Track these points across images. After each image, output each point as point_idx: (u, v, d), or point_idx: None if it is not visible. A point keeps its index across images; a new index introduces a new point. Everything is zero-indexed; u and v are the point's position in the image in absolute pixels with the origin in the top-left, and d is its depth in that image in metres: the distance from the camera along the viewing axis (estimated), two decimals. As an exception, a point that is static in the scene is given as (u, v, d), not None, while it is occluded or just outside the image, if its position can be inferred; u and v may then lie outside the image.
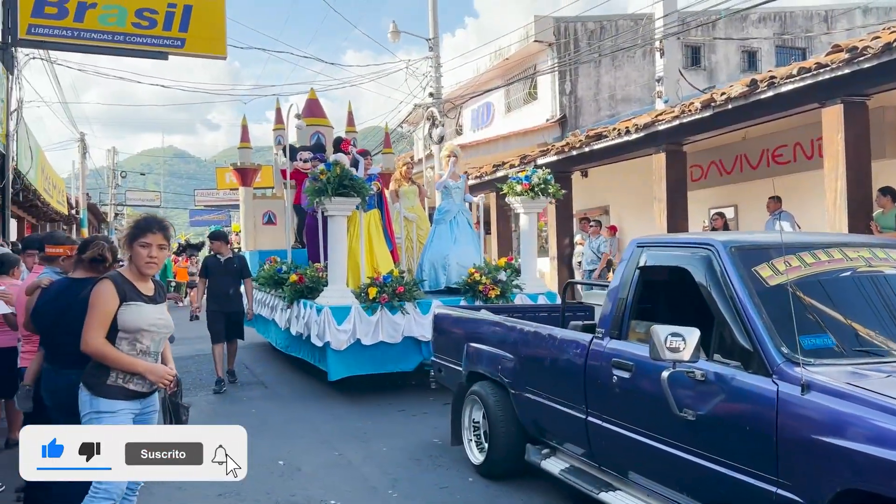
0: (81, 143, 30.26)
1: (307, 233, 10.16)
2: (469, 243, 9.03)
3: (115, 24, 11.29)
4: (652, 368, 3.25)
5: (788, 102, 8.62)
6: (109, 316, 3.14)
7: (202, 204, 47.73)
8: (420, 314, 7.62)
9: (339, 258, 7.82)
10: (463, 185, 9.35)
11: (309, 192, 7.73)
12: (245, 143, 12.32)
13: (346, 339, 7.29)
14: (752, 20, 19.04)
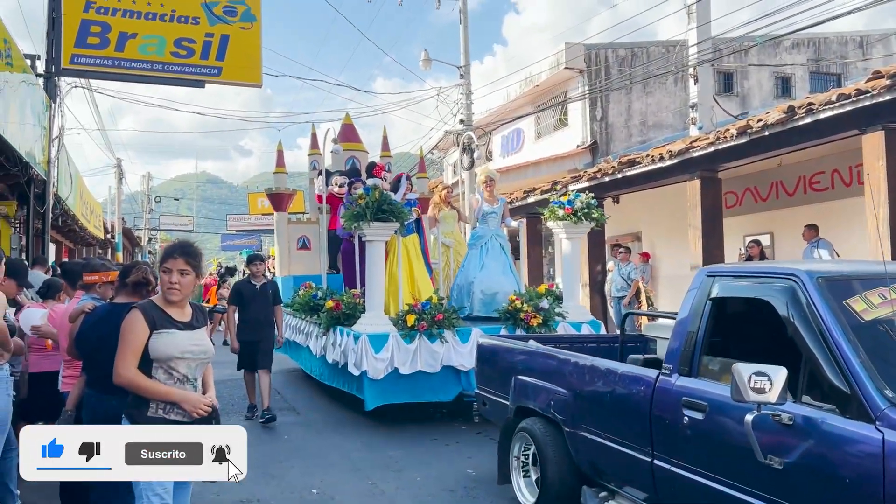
0: (118, 168, 30.91)
1: (343, 258, 10.06)
2: (498, 270, 8.71)
3: (154, 53, 11.54)
4: (731, 410, 3.00)
5: (827, 129, 8.50)
6: (140, 345, 3.08)
7: (234, 229, 48.32)
8: (459, 342, 7.44)
9: (377, 284, 7.68)
10: (500, 209, 9.05)
11: (347, 217, 7.62)
12: (280, 168, 12.34)
13: (384, 368, 7.12)
14: (786, 46, 18.89)
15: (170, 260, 3.22)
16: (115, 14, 11.25)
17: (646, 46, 19.12)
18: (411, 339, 7.28)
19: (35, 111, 9.60)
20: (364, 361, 7.09)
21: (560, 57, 18.31)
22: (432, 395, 7.45)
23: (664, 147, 11.47)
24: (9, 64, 7.81)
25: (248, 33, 12.18)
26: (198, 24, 11.79)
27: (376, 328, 7.34)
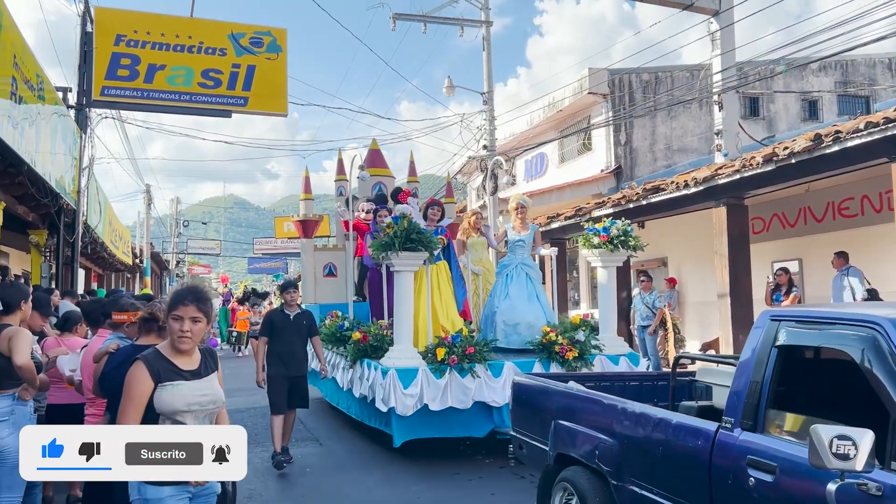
0: (147, 194, 31.40)
1: (370, 287, 9.79)
2: (522, 299, 8.38)
3: (182, 84, 11.78)
4: (806, 474, 2.73)
5: (855, 157, 8.38)
6: (143, 399, 2.88)
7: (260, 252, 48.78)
8: (491, 377, 7.10)
9: (406, 316, 7.39)
10: (530, 238, 8.71)
11: (375, 247, 7.40)
12: (307, 194, 12.08)
13: (413, 405, 6.83)
14: (813, 69, 18.73)
15: (181, 307, 3.02)
16: (144, 47, 11.52)
17: (670, 71, 19.08)
18: (441, 374, 6.98)
19: (66, 142, 9.81)
20: (392, 397, 6.81)
21: (584, 82, 18.33)
22: (463, 431, 7.18)
23: (689, 174, 11.39)
24: (41, 97, 8.00)
25: (273, 63, 12.38)
26: (225, 56, 12.02)
27: (405, 362, 7.06)
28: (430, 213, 8.64)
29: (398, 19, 17.13)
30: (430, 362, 7.07)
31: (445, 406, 6.94)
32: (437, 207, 8.79)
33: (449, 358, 7.00)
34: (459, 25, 17.62)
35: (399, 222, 7.16)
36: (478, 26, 17.72)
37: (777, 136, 16.45)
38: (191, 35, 11.88)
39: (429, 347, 7.27)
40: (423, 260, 7.40)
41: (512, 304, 8.32)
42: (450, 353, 7.02)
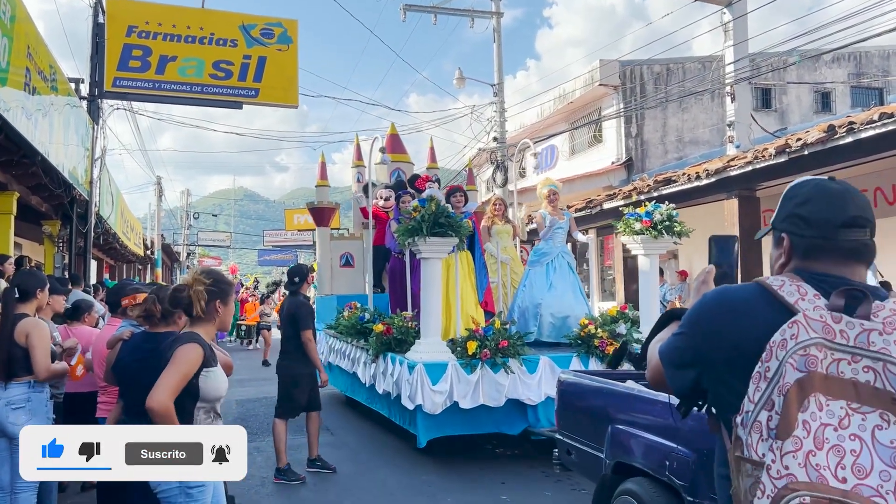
0: (158, 186, 31.55)
1: (391, 277, 9.20)
2: (568, 290, 7.96)
3: (193, 75, 11.82)
4: None
5: (869, 148, 8.31)
6: (189, 377, 2.92)
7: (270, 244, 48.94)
8: (526, 373, 6.63)
9: (434, 307, 6.89)
10: (567, 223, 8.27)
11: (401, 232, 6.90)
12: (323, 181, 11.70)
13: (443, 402, 6.37)
14: (826, 60, 18.59)
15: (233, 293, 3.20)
16: (155, 38, 11.56)
17: (682, 62, 18.97)
18: (472, 370, 6.48)
19: (78, 133, 9.87)
20: (420, 394, 6.34)
21: (594, 74, 18.25)
22: (494, 427, 6.72)
23: (701, 165, 11.33)
24: (54, 88, 8.04)
25: (284, 55, 12.40)
26: (236, 47, 12.05)
27: (433, 356, 6.58)
28: (454, 200, 8.15)
29: (409, 10, 17.10)
30: (460, 356, 6.60)
31: (477, 404, 6.48)
32: (460, 194, 8.34)
33: (481, 352, 6.51)
34: (470, 17, 17.59)
35: (427, 205, 6.68)
36: (488, 17, 17.67)
37: (790, 128, 16.35)
38: (202, 26, 11.91)
39: (458, 341, 6.82)
40: (452, 246, 6.97)
41: (558, 295, 7.88)
42: (482, 347, 6.54)
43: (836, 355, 1.34)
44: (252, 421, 9.18)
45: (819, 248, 1.55)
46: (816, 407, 1.31)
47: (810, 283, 1.50)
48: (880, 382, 1.31)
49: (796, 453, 1.29)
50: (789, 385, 1.33)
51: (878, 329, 1.34)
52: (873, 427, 1.29)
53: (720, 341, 1.53)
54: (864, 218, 1.55)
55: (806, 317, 1.39)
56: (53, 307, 4.70)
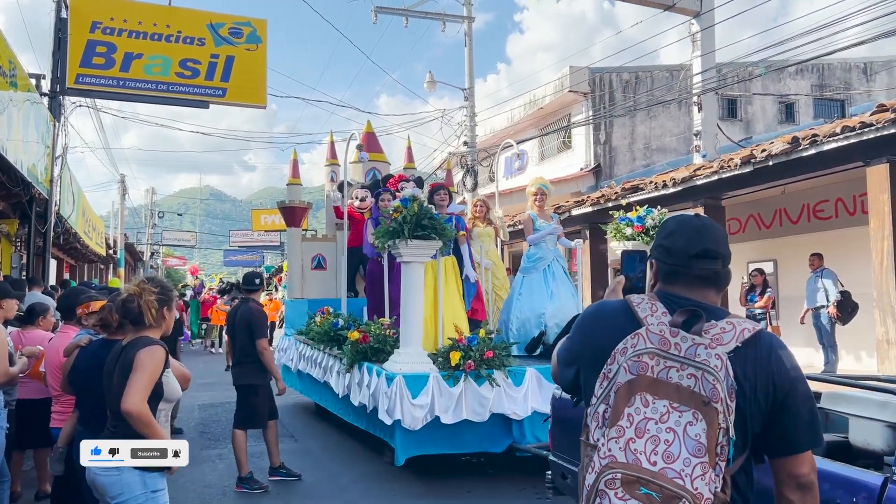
0: (121, 184, 30.97)
1: (369, 281, 8.75)
2: (569, 298, 7.59)
3: (159, 73, 11.58)
4: None
5: (831, 160, 8.48)
6: (154, 382, 3.02)
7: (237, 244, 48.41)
8: (512, 385, 6.23)
9: (415, 314, 6.49)
10: (557, 228, 7.96)
11: (381, 234, 6.50)
12: (295, 179, 11.22)
13: (423, 417, 5.94)
14: (790, 72, 18.95)
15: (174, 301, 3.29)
16: (121, 35, 11.31)
17: (650, 71, 19.18)
18: (455, 382, 6.06)
19: (38, 130, 9.61)
20: (398, 408, 5.92)
21: (564, 80, 18.38)
22: (477, 445, 6.31)
23: (668, 174, 11.46)
24: (13, 84, 7.82)
25: (253, 55, 12.22)
26: (203, 46, 11.84)
27: (413, 367, 6.18)
28: (437, 198, 7.64)
29: (380, 13, 17.02)
30: (443, 368, 6.20)
31: (459, 419, 6.07)
32: (444, 191, 7.82)
33: (464, 363, 6.10)
34: (441, 20, 17.57)
35: (409, 206, 6.29)
36: (459, 21, 17.68)
37: (754, 137, 16.63)
38: (169, 24, 11.67)
39: (440, 351, 6.43)
40: (435, 250, 6.56)
41: (561, 304, 7.47)
42: (465, 358, 6.12)
43: (668, 363, 1.57)
44: (214, 427, 9.02)
45: (675, 273, 1.77)
46: (642, 403, 1.55)
47: (664, 302, 1.73)
48: (698, 387, 1.53)
49: (619, 439, 1.54)
50: (621, 384, 1.59)
51: (705, 344, 1.57)
52: (686, 423, 1.51)
53: (590, 345, 1.79)
54: (716, 251, 1.75)
55: (648, 330, 1.63)
56: (5, 313, 4.54)
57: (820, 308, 10.00)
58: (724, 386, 1.51)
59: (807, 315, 10.33)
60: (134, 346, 3.07)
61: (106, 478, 3.01)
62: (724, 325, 1.64)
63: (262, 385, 6.21)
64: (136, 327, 3.16)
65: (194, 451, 7.51)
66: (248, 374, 6.19)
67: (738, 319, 1.67)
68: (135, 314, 3.13)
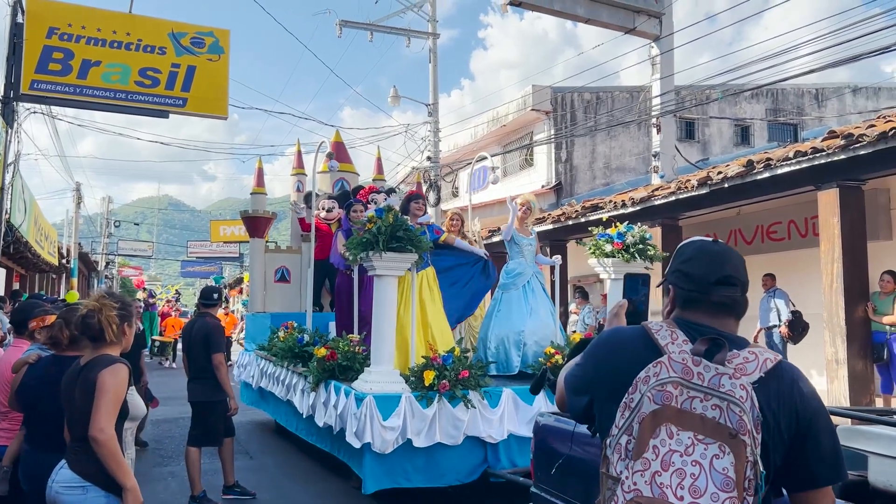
0: (76, 192, 30.28)
1: (337, 295, 8.36)
2: (549, 315, 7.37)
3: (117, 81, 11.41)
4: None
5: (784, 184, 8.70)
6: (121, 403, 2.93)
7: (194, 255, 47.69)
8: (488, 407, 5.96)
9: (387, 330, 6.14)
10: (535, 242, 7.72)
11: (353, 245, 6.20)
12: (259, 188, 10.87)
13: (394, 440, 5.62)
14: (746, 96, 19.47)
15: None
16: (79, 41, 11.13)
17: (611, 91, 19.51)
18: (428, 403, 5.76)
19: (-10, 137, 9.38)
20: (368, 430, 5.58)
21: (527, 99, 18.59)
22: (452, 477, 5.96)
23: (626, 193, 11.63)
24: (-36, 90, 7.63)
25: (215, 65, 12.13)
26: (164, 55, 11.72)
27: (385, 387, 5.86)
28: (414, 207, 7.33)
29: (344, 26, 17.02)
30: (416, 388, 5.92)
31: (432, 442, 5.77)
32: (421, 201, 7.53)
33: (439, 383, 5.83)
34: (406, 36, 17.63)
35: (384, 216, 6.01)
36: (424, 38, 17.76)
37: (711, 158, 17.01)
38: (129, 32, 11.54)
39: (413, 370, 6.15)
40: (410, 263, 6.25)
41: (541, 321, 7.26)
42: (440, 378, 5.84)
43: (692, 393, 1.53)
44: (167, 443, 8.83)
45: (695, 300, 1.72)
46: (667, 435, 1.51)
47: (683, 329, 1.68)
48: (723, 419, 1.49)
49: (644, 472, 1.49)
50: (645, 415, 1.54)
51: (729, 374, 1.53)
52: (712, 456, 1.47)
53: (606, 373, 1.73)
54: (736, 278, 1.73)
55: (670, 358, 1.58)
56: None
57: (772, 327, 10.21)
58: (750, 417, 1.49)
59: (760, 334, 10.55)
60: (95, 366, 2.97)
61: (69, 496, 2.90)
62: (746, 354, 1.60)
63: (219, 402, 6.05)
64: (94, 344, 3.06)
65: (146, 469, 7.38)
66: (203, 390, 6.03)
67: (759, 349, 1.64)
68: (95, 330, 3.02)
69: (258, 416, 10.24)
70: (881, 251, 9.23)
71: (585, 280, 15.53)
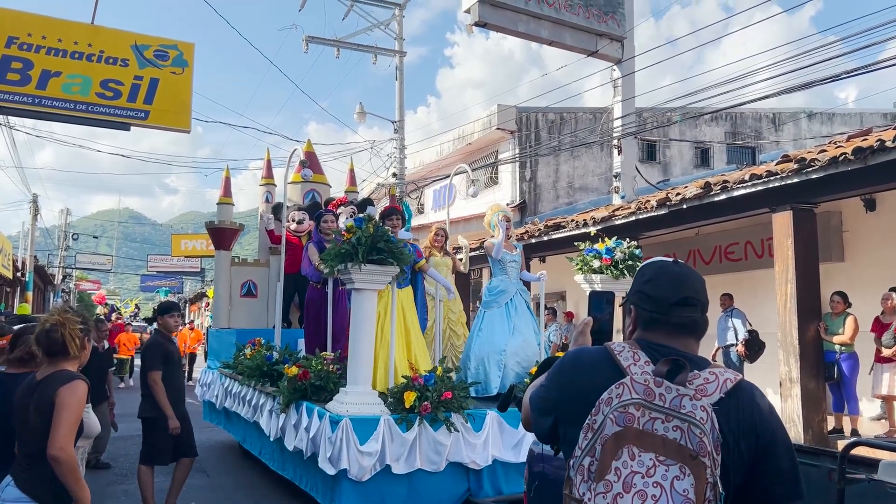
0: (34, 204, 29.64)
1: (308, 310, 7.95)
2: (532, 334, 7.09)
3: (78, 93, 11.23)
4: None
5: (740, 206, 8.91)
6: (79, 421, 2.91)
7: (155, 269, 46.96)
8: (471, 431, 5.68)
9: (365, 348, 5.77)
10: (520, 258, 7.36)
11: (329, 257, 5.81)
12: (226, 197, 10.51)
13: (371, 466, 5.26)
14: (705, 118, 19.92)
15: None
16: (38, 51, 10.95)
17: (574, 112, 19.81)
18: (409, 426, 5.44)
19: (-57, 147, 9.17)
20: (344, 456, 5.20)
21: (493, 118, 18.77)
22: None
23: (588, 213, 11.80)
24: (-83, 98, 7.45)
25: (178, 78, 12.00)
26: (127, 67, 11.57)
27: (362, 409, 5.50)
28: (390, 223, 6.72)
29: (311, 42, 17.04)
30: (395, 410, 5.61)
31: (413, 468, 5.44)
32: (396, 217, 7.01)
33: (420, 405, 5.49)
34: (373, 53, 17.71)
35: (363, 226, 5.63)
36: (391, 56, 17.86)
37: (671, 179, 17.35)
38: (91, 43, 11.36)
39: (392, 390, 5.84)
40: (391, 277, 5.87)
41: (524, 340, 6.96)
42: (421, 399, 5.51)
43: (653, 414, 1.53)
44: (122, 461, 8.66)
45: (656, 321, 1.73)
46: (629, 457, 1.51)
47: (645, 350, 1.68)
48: (684, 440, 1.49)
49: (606, 494, 1.50)
50: (607, 437, 1.54)
51: (690, 395, 1.54)
52: (673, 478, 1.47)
53: (570, 394, 1.72)
54: (696, 298, 1.74)
55: (632, 380, 1.58)
56: None
57: (729, 346, 10.41)
58: (710, 439, 1.49)
59: (717, 353, 10.74)
60: (53, 382, 2.91)
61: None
62: (707, 375, 1.61)
63: (163, 418, 5.72)
64: (53, 359, 3.01)
65: (100, 487, 7.22)
66: (147, 406, 5.81)
67: (719, 369, 1.65)
68: (59, 345, 2.99)
69: (218, 435, 10.08)
70: (833, 272, 9.49)
71: (548, 298, 15.65)
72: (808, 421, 8.09)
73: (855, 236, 9.99)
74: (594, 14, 13.12)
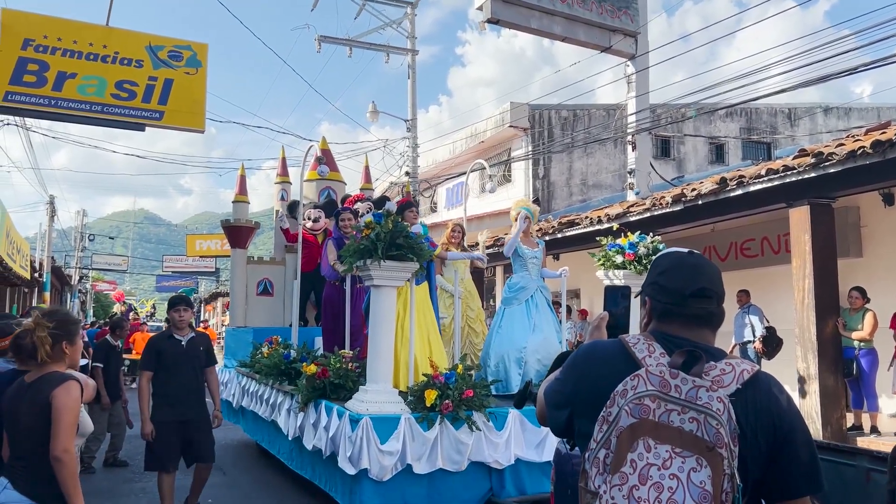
0: (50, 205, 29.91)
1: (325, 308, 7.95)
2: (553, 331, 6.97)
3: (93, 94, 11.30)
4: None
5: (757, 201, 8.83)
6: (77, 422, 2.91)
7: (170, 269, 47.25)
8: (493, 430, 5.56)
9: (385, 346, 5.69)
10: (541, 254, 7.22)
11: (349, 253, 5.72)
12: (242, 196, 10.51)
13: (392, 466, 5.18)
14: (720, 114, 19.78)
15: None
16: (54, 53, 11.03)
17: (588, 109, 19.72)
18: (430, 425, 5.33)
19: (-38, 149, 9.25)
20: (365, 455, 5.11)
21: (505, 115, 18.72)
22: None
23: (602, 210, 11.74)
24: (-64, 101, 7.53)
25: (193, 78, 12.05)
26: (141, 67, 11.63)
27: (382, 407, 5.41)
28: (410, 214, 6.76)
29: (324, 42, 17.08)
30: (416, 408, 5.51)
31: (434, 468, 5.33)
32: (413, 209, 7.00)
33: (441, 403, 5.39)
34: (385, 52, 17.72)
35: (383, 222, 5.52)
36: (403, 54, 17.86)
37: (686, 176, 17.23)
38: (106, 44, 11.44)
39: (412, 388, 5.73)
40: (410, 273, 5.77)
41: (545, 338, 6.82)
42: (442, 398, 5.40)
43: (669, 406, 1.52)
44: (139, 459, 8.65)
45: (671, 312, 1.72)
46: (644, 449, 1.51)
47: (660, 342, 1.68)
48: (701, 432, 1.49)
49: (622, 486, 1.49)
50: (623, 428, 1.53)
51: (706, 386, 1.53)
52: (689, 469, 1.47)
53: (585, 387, 1.71)
54: (712, 289, 1.72)
55: (647, 371, 1.58)
56: None
57: (747, 343, 10.33)
58: (727, 430, 1.48)
59: (734, 350, 10.66)
60: (47, 384, 2.90)
61: None
62: (723, 366, 1.60)
63: (163, 422, 5.54)
64: (34, 362, 3.01)
65: (117, 485, 7.28)
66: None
67: (736, 360, 1.63)
68: (28, 350, 2.98)
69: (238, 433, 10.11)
70: (851, 268, 9.40)
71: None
72: (827, 418, 8.01)
73: (873, 231, 9.88)
74: (607, 9, 13.05)
